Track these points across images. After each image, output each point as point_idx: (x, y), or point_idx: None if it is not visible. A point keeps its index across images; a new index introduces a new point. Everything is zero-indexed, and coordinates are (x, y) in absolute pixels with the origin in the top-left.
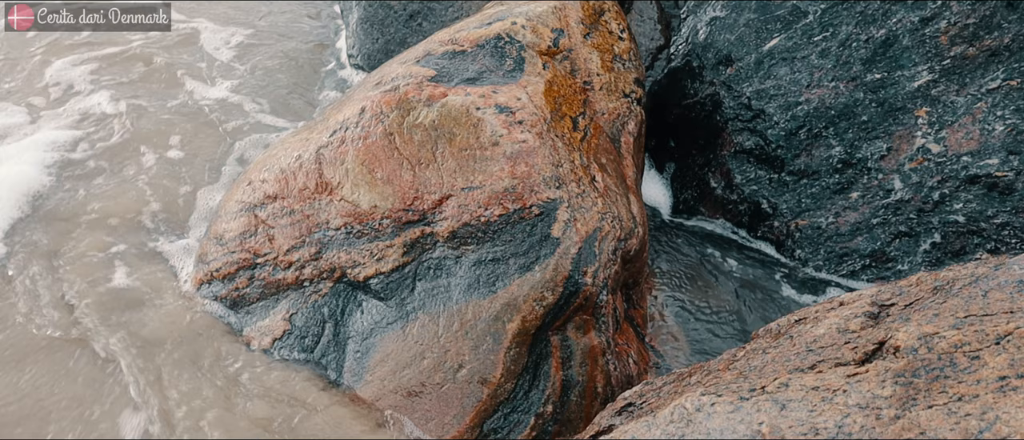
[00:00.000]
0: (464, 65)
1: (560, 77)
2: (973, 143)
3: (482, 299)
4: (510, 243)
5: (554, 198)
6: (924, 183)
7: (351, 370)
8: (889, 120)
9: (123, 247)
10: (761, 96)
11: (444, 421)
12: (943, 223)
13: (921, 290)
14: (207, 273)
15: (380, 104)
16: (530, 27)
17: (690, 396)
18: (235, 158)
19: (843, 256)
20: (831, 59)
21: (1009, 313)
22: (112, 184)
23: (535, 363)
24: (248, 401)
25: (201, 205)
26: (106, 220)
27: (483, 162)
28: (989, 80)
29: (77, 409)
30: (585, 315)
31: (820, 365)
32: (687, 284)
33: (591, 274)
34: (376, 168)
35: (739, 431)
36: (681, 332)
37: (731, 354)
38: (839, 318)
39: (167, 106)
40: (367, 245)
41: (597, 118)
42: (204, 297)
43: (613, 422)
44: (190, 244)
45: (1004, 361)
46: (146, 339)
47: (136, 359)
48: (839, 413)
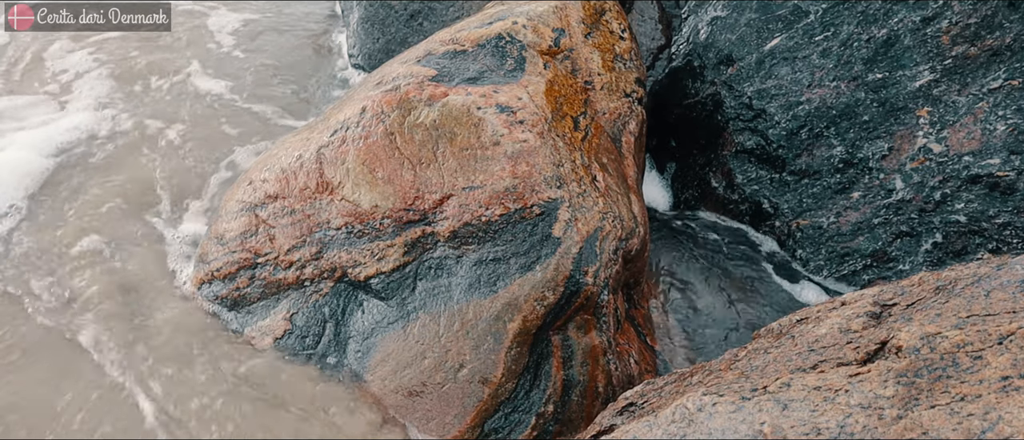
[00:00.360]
0: (465, 65)
1: (561, 77)
2: (975, 143)
3: (483, 299)
4: (511, 243)
5: (555, 198)
6: (925, 183)
7: (352, 370)
8: (890, 120)
9: (123, 245)
10: (762, 96)
11: (445, 421)
12: (944, 223)
13: (923, 290)
14: (207, 273)
15: (381, 104)
16: (531, 27)
17: (692, 396)
18: (233, 159)
19: (844, 256)
20: (832, 59)
21: (1012, 313)
22: (109, 183)
23: (536, 363)
24: (248, 401)
25: (199, 206)
26: (104, 219)
27: (484, 162)
28: (991, 80)
29: (76, 411)
30: (586, 315)
31: (822, 365)
32: (688, 284)
33: (592, 274)
34: (377, 168)
35: (741, 431)
36: (682, 332)
37: (733, 354)
38: (841, 318)
39: (166, 104)
40: (368, 245)
41: (598, 118)
42: (204, 297)
43: (614, 422)
44: (190, 244)
45: (1007, 361)
46: (145, 339)
47: (135, 358)
48: (841, 413)
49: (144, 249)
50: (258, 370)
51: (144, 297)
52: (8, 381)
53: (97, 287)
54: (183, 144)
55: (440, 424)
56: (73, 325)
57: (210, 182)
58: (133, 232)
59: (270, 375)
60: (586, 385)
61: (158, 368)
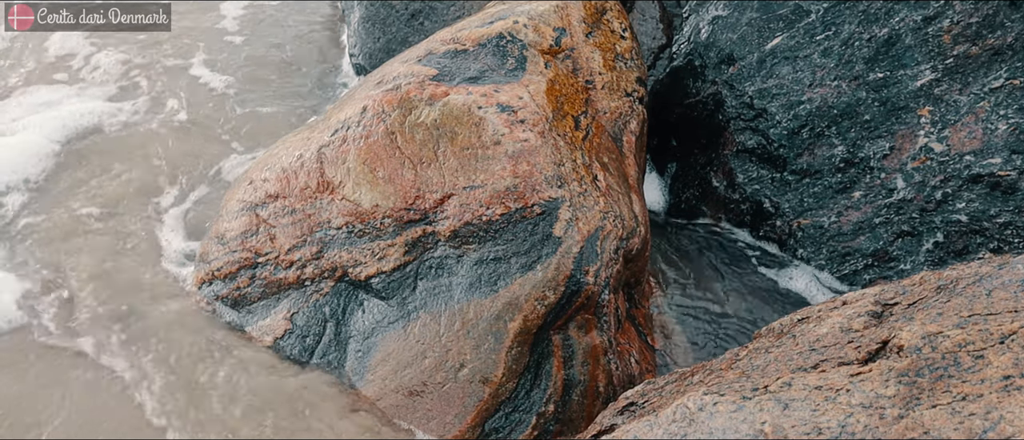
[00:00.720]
0: (466, 64)
1: (562, 76)
2: (976, 142)
3: (484, 298)
4: (512, 242)
5: (556, 197)
6: (927, 182)
7: (352, 369)
8: (892, 119)
9: (123, 242)
10: (763, 95)
11: (445, 420)
12: (946, 222)
13: (924, 289)
14: (208, 272)
15: (382, 103)
16: (532, 26)
17: (692, 395)
18: (230, 160)
19: (846, 255)
20: (834, 58)
21: (1013, 312)
22: (105, 183)
23: (537, 362)
24: (248, 400)
25: (195, 204)
26: (102, 218)
27: (485, 161)
28: (992, 79)
29: (73, 409)
30: (587, 314)
31: (823, 364)
32: (689, 283)
33: (593, 273)
34: (378, 167)
35: (742, 431)
36: (683, 331)
37: (733, 353)
38: (842, 317)
39: (164, 104)
40: (368, 244)
41: (599, 117)
42: (205, 296)
43: (615, 421)
44: (185, 238)
45: (1008, 360)
46: (144, 338)
47: (134, 358)
48: (842, 412)
49: (142, 246)
50: (258, 369)
51: (143, 295)
52: (5, 381)
53: (94, 286)
54: (184, 141)
55: (441, 424)
56: (70, 321)
57: (209, 179)
58: (131, 227)
59: (270, 374)
60: (587, 385)
61: (157, 367)
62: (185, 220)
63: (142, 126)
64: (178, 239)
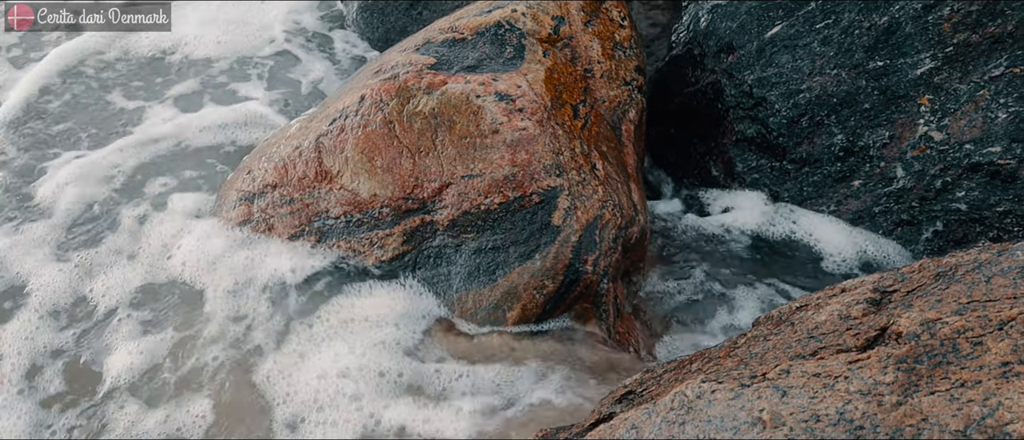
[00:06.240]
0: (464, 53)
1: (560, 65)
2: (976, 131)
3: (482, 287)
4: (510, 231)
5: (554, 186)
6: (926, 171)
7: None
8: (891, 108)
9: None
10: (763, 84)
11: None
12: (945, 211)
13: (923, 276)
14: None
15: (380, 92)
16: (530, 15)
17: (690, 383)
18: (227, 152)
19: None
20: (833, 47)
21: (1012, 299)
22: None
23: None
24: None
25: (191, 202)
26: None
27: (483, 150)
28: (992, 67)
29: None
30: (585, 303)
31: (821, 352)
32: (688, 271)
33: (592, 262)
34: (376, 156)
35: (740, 418)
36: (681, 319)
37: (732, 341)
38: (841, 304)
39: (160, 98)
40: (367, 233)
41: (598, 106)
42: None
43: (613, 410)
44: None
45: (1007, 347)
46: (144, 337)
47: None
48: (841, 399)
49: (137, 230)
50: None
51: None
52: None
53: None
54: (173, 136)
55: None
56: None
57: (198, 176)
58: (125, 213)
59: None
60: None
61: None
62: (177, 208)
63: (132, 123)
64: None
